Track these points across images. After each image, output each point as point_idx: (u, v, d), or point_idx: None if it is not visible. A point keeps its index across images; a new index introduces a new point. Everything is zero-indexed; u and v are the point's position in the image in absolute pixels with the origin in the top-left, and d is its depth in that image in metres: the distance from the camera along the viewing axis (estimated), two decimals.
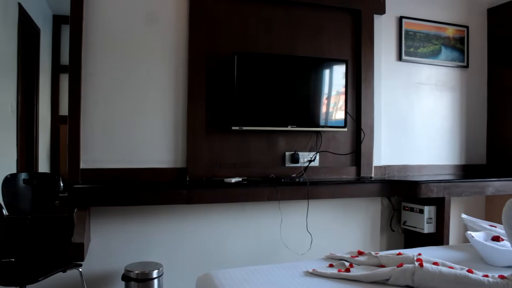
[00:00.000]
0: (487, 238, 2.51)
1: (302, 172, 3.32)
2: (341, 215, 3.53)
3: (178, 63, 3.12)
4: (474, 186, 3.54)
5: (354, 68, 3.58)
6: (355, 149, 3.58)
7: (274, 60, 3.25)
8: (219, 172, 3.18)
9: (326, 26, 3.51)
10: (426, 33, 3.93)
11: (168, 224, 3.09)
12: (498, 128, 4.15)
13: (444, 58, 4.01)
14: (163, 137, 3.10)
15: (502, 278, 1.89)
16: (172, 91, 3.11)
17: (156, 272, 2.75)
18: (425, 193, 3.34)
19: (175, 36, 3.12)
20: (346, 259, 2.35)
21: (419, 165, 3.89)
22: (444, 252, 2.60)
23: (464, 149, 4.13)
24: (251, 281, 2.07)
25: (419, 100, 3.92)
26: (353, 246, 3.47)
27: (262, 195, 3.06)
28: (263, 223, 3.29)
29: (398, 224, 3.77)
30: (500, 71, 4.14)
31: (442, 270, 1.97)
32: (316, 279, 2.10)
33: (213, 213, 3.19)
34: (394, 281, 2.00)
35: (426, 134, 3.94)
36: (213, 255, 3.17)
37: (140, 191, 2.82)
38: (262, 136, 3.31)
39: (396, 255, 2.26)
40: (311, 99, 3.34)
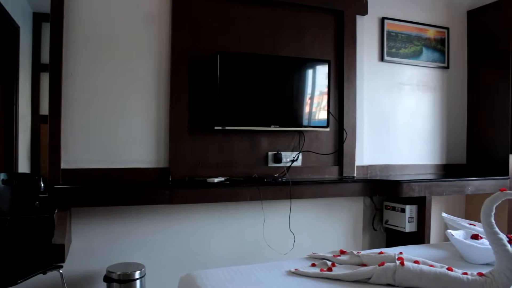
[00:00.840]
0: (467, 236, 2.54)
1: (284, 172, 3.33)
2: (324, 215, 3.55)
3: (160, 63, 3.11)
4: (455, 186, 3.59)
5: (337, 68, 3.60)
6: (337, 149, 3.60)
7: (257, 60, 3.25)
8: (202, 172, 3.16)
9: (309, 26, 3.52)
10: (407, 34, 3.97)
11: (151, 224, 3.06)
12: (477, 129, 4.21)
13: (425, 59, 4.05)
14: (145, 137, 3.07)
15: (480, 276, 1.92)
16: (155, 90, 3.09)
17: (138, 273, 2.73)
18: (407, 193, 3.37)
19: (157, 35, 3.10)
20: (328, 258, 2.36)
21: (401, 165, 3.93)
22: (425, 251, 2.63)
23: (445, 149, 4.19)
24: (234, 281, 2.07)
25: (401, 100, 3.96)
26: (336, 245, 3.49)
27: (245, 195, 3.05)
28: (246, 223, 3.29)
29: (380, 223, 3.80)
30: (479, 72, 4.20)
31: (422, 269, 1.99)
32: (298, 279, 2.11)
33: (196, 213, 3.17)
34: (376, 280, 2.02)
35: (407, 134, 3.98)
36: (196, 255, 3.16)
37: (122, 192, 2.80)
38: (245, 136, 3.31)
39: (378, 254, 2.28)
40: (293, 99, 3.35)
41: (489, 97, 4.09)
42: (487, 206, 1.94)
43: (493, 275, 1.89)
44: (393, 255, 2.21)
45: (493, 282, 1.87)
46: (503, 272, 1.86)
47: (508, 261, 1.85)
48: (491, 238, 1.92)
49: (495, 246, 1.90)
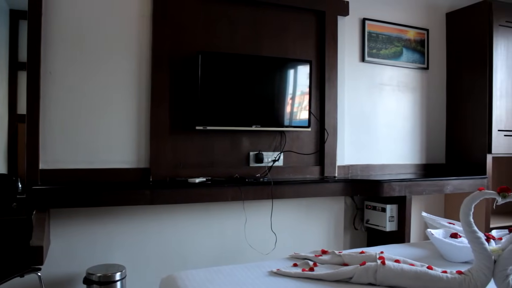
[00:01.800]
0: (446, 235, 2.58)
1: (266, 172, 3.33)
2: (305, 215, 3.56)
3: (141, 62, 3.08)
4: (434, 185, 3.63)
5: (318, 69, 3.61)
6: (318, 149, 3.61)
7: (239, 60, 3.24)
8: (183, 172, 3.14)
9: (290, 26, 3.53)
10: (388, 35, 4.01)
11: (131, 225, 3.03)
12: (456, 129, 4.27)
13: (405, 60, 4.09)
14: (125, 136, 3.04)
15: (459, 274, 1.95)
16: (135, 90, 3.06)
17: (119, 275, 2.70)
18: (387, 192, 3.40)
19: (138, 35, 3.07)
20: (310, 258, 2.37)
21: (382, 165, 3.96)
22: (406, 250, 2.66)
23: (425, 149, 4.23)
24: (215, 281, 2.06)
25: (382, 101, 3.99)
26: (317, 245, 3.50)
27: (226, 195, 3.04)
28: (228, 223, 3.28)
29: (361, 222, 3.82)
30: (458, 73, 4.26)
31: (403, 268, 2.01)
32: (280, 279, 2.11)
33: (177, 214, 3.15)
34: (357, 279, 2.04)
35: (388, 134, 4.02)
36: (177, 256, 3.14)
37: (102, 192, 2.76)
38: (226, 136, 3.30)
39: (359, 254, 2.30)
40: (275, 99, 3.35)
41: (467, 98, 4.15)
42: (466, 205, 1.97)
43: (472, 273, 1.92)
44: (374, 254, 2.23)
45: (472, 280, 1.89)
46: (481, 270, 1.88)
47: (486, 259, 1.88)
48: (470, 237, 1.94)
49: (473, 244, 1.93)
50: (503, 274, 1.85)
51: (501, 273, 1.85)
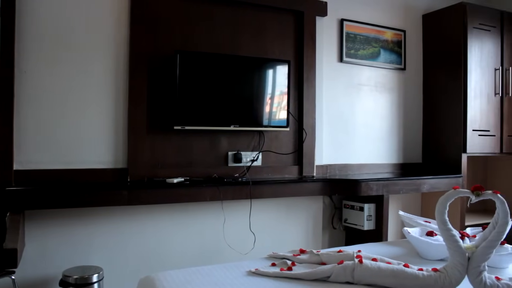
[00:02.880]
0: (422, 233, 2.61)
1: (245, 172, 3.33)
2: (284, 214, 3.56)
3: (118, 61, 3.04)
4: (411, 184, 3.68)
5: (297, 69, 3.63)
6: (297, 149, 3.63)
7: (217, 59, 3.24)
8: (161, 172, 3.12)
9: (269, 26, 3.53)
10: (366, 36, 4.04)
11: (109, 226, 3.00)
12: (432, 128, 4.33)
13: (383, 60, 4.13)
14: (102, 136, 3.01)
15: (435, 271, 1.97)
16: (112, 89, 3.03)
17: (96, 276, 2.66)
18: (365, 191, 3.43)
19: (115, 32, 3.03)
20: (288, 257, 2.38)
21: (359, 164, 3.99)
22: (383, 248, 2.69)
23: (402, 149, 4.29)
24: (193, 282, 2.05)
25: (360, 101, 4.03)
26: (296, 244, 3.50)
27: (204, 195, 3.03)
28: (206, 223, 3.27)
29: (340, 221, 3.85)
30: (434, 74, 4.32)
31: (380, 266, 2.03)
32: (258, 279, 2.11)
33: (155, 214, 3.12)
34: (335, 278, 2.05)
35: (366, 134, 4.06)
36: (155, 257, 3.11)
37: (78, 193, 2.71)
38: (204, 135, 3.28)
39: (337, 253, 2.32)
40: (254, 99, 3.35)
41: (443, 98, 4.21)
42: (441, 204, 1.99)
43: (447, 270, 1.95)
44: (352, 253, 2.25)
45: (447, 277, 1.92)
46: (456, 267, 1.91)
47: (460, 257, 1.91)
48: (445, 235, 1.97)
49: (448, 242, 1.96)
50: (476, 270, 1.88)
51: (474, 269, 1.88)
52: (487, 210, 4.54)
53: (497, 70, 4.15)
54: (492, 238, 1.92)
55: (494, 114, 4.15)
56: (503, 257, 2.29)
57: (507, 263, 2.31)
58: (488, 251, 1.91)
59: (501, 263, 2.29)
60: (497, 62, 4.17)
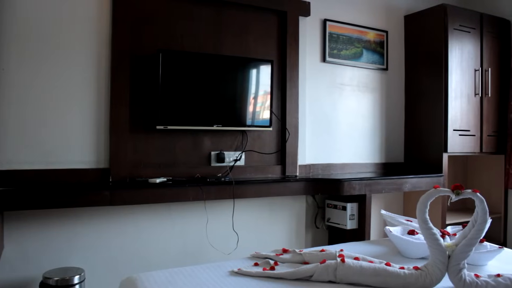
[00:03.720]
0: (404, 232, 2.63)
1: (227, 172, 3.32)
2: (267, 214, 3.57)
3: (100, 60, 3.01)
4: (393, 183, 3.71)
5: (280, 69, 3.63)
6: (280, 148, 3.63)
7: (200, 58, 3.22)
8: (144, 172, 3.10)
9: (252, 26, 3.53)
10: (348, 36, 4.07)
11: (90, 227, 2.96)
12: (414, 128, 4.37)
13: (365, 61, 4.16)
14: (84, 136, 2.97)
15: (416, 269, 2.00)
16: (94, 88, 3.00)
17: (77, 278, 2.63)
18: (348, 191, 3.45)
19: (97, 31, 3.00)
20: (271, 257, 2.38)
21: (342, 164, 4.01)
22: (365, 247, 2.71)
23: (384, 148, 4.32)
24: (176, 283, 2.04)
25: (342, 101, 4.05)
26: (279, 244, 3.51)
27: (187, 195, 3.01)
28: (189, 223, 3.26)
29: (323, 221, 3.86)
30: (415, 74, 4.37)
31: (362, 265, 2.04)
32: (241, 278, 2.11)
33: (137, 215, 3.10)
34: (317, 277, 2.05)
35: (348, 134, 4.08)
36: (138, 258, 3.09)
37: (59, 193, 2.67)
38: (187, 135, 3.27)
39: (319, 252, 2.32)
40: (237, 99, 3.35)
41: (424, 98, 4.26)
42: (422, 202, 2.02)
43: (428, 268, 1.97)
44: (334, 252, 2.26)
45: (428, 275, 1.94)
46: (436, 265, 1.94)
47: (440, 255, 1.93)
48: (426, 233, 2.00)
49: (429, 240, 1.98)
50: (456, 268, 1.91)
51: (454, 267, 1.91)
52: (467, 209, 4.60)
53: (477, 71, 4.21)
54: (471, 236, 1.95)
55: (474, 114, 4.22)
56: (482, 254, 2.32)
57: (486, 261, 2.35)
58: (468, 249, 1.94)
59: (480, 261, 2.32)
60: (476, 63, 4.23)
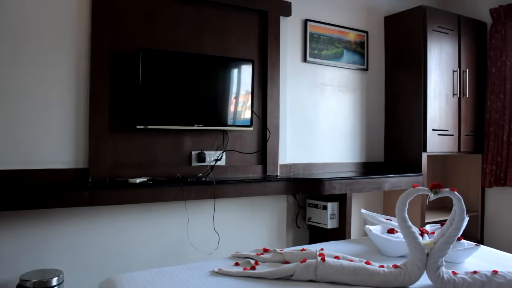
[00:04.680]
0: (383, 231, 2.66)
1: (208, 171, 3.31)
2: (248, 214, 3.56)
3: (79, 58, 2.97)
4: (373, 183, 3.74)
5: (261, 68, 3.63)
6: (261, 148, 3.63)
7: (181, 58, 3.20)
8: (124, 172, 3.07)
9: (234, 25, 3.52)
10: (329, 36, 4.09)
11: (69, 228, 2.92)
12: (394, 128, 4.42)
13: (346, 61, 4.19)
14: (62, 136, 2.93)
15: (395, 267, 2.02)
16: (73, 87, 2.95)
17: (55, 280, 2.59)
18: (328, 190, 3.47)
19: (76, 30, 2.96)
20: (252, 257, 2.38)
21: (323, 163, 4.03)
22: (345, 246, 2.72)
23: (364, 148, 4.35)
24: (156, 283, 2.03)
25: (323, 101, 4.07)
26: (260, 243, 3.51)
27: (168, 195, 3.00)
28: (170, 223, 3.23)
29: (303, 220, 3.88)
30: (395, 74, 4.41)
31: (342, 263, 2.06)
32: (222, 278, 2.10)
33: (117, 215, 3.07)
34: (298, 276, 2.06)
35: (329, 133, 4.10)
36: (118, 259, 3.06)
37: (36, 194, 2.62)
38: (168, 135, 3.25)
39: (300, 251, 2.33)
40: (217, 98, 3.34)
41: (404, 98, 4.30)
42: (401, 201, 2.04)
43: (407, 267, 1.99)
44: (315, 251, 2.27)
45: (407, 273, 1.97)
46: (415, 263, 1.96)
47: (419, 253, 1.96)
48: (405, 232, 2.02)
49: (407, 239, 2.00)
50: (434, 266, 1.93)
51: (432, 265, 1.94)
52: (446, 207, 4.66)
53: (455, 72, 4.28)
54: (449, 234, 1.98)
55: (452, 114, 4.28)
56: (460, 252, 2.36)
57: (463, 258, 2.38)
58: (446, 247, 1.96)
59: (457, 258, 2.36)
60: (455, 64, 4.29)
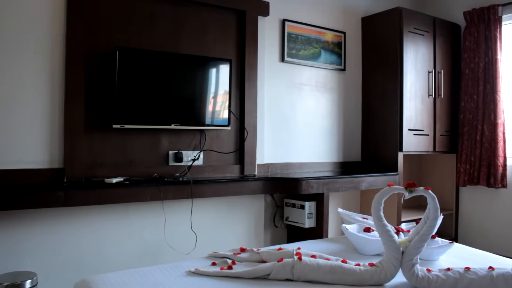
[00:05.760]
0: (360, 229, 2.68)
1: (186, 171, 3.29)
2: (226, 213, 3.55)
3: (54, 56, 2.92)
4: (350, 182, 3.77)
5: (239, 68, 3.63)
6: (238, 148, 3.63)
7: (158, 57, 3.18)
8: (100, 172, 3.03)
9: (211, 25, 3.51)
10: (307, 37, 4.10)
11: (43, 229, 2.86)
12: (370, 128, 4.47)
13: (323, 61, 4.21)
14: (37, 135, 2.88)
15: (371, 266, 2.03)
16: (48, 86, 2.90)
17: (29, 282, 2.53)
18: (306, 190, 3.48)
19: (51, 27, 2.91)
20: (229, 256, 2.37)
21: (300, 163, 4.05)
22: (322, 245, 2.73)
23: (342, 147, 4.39)
24: (131, 284, 2.00)
25: (301, 100, 4.09)
26: (238, 243, 3.51)
27: (145, 195, 2.97)
28: (147, 224, 3.20)
29: (281, 220, 3.89)
30: (372, 75, 4.46)
31: (319, 262, 2.06)
32: (198, 278, 2.09)
33: (93, 216, 3.02)
34: (275, 276, 2.06)
35: (307, 133, 4.12)
36: (94, 260, 3.01)
37: (9, 195, 2.57)
38: (145, 134, 3.22)
39: (277, 250, 2.33)
40: (195, 98, 3.32)
41: (380, 98, 4.35)
42: (377, 200, 2.06)
43: (382, 265, 2.01)
44: (292, 250, 2.27)
45: (382, 271, 1.99)
46: (391, 261, 1.98)
47: (394, 251, 1.98)
48: (380, 230, 2.04)
49: (383, 237, 2.02)
50: (409, 263, 1.96)
51: (407, 263, 1.96)
52: (422, 206, 4.72)
53: (430, 73, 4.35)
54: (423, 232, 2.01)
55: (428, 114, 4.35)
56: (434, 249, 2.39)
57: (437, 255, 2.42)
58: (420, 245, 1.99)
59: (432, 256, 2.39)
60: (430, 65, 4.36)
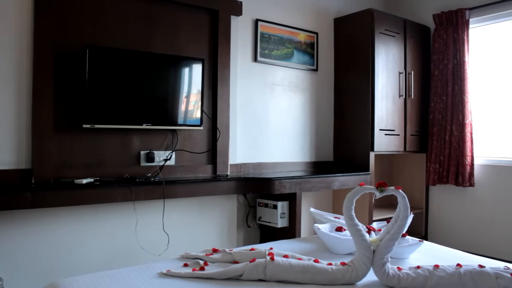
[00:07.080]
0: (332, 229, 2.69)
1: (157, 171, 3.26)
2: (198, 214, 3.53)
3: (21, 53, 2.85)
4: (323, 182, 3.80)
5: (211, 68, 3.61)
6: (211, 148, 3.61)
7: (130, 56, 3.13)
8: (69, 172, 2.97)
9: (184, 24, 3.48)
10: (280, 37, 4.11)
11: (10, 231, 2.78)
12: (342, 128, 4.51)
13: (296, 61, 4.23)
14: (3, 135, 2.80)
15: (343, 265, 2.05)
16: (14, 85, 2.83)
17: None
18: (278, 189, 3.49)
19: (17, 24, 2.83)
20: (201, 257, 2.35)
21: (273, 163, 4.06)
22: (295, 245, 2.74)
23: (314, 147, 4.41)
24: (101, 286, 1.97)
25: (273, 100, 4.09)
26: (211, 244, 3.49)
27: (115, 196, 2.92)
28: (118, 225, 3.15)
29: (254, 220, 3.89)
30: (344, 75, 4.50)
31: (291, 262, 2.07)
32: (170, 280, 2.07)
33: (62, 217, 2.96)
34: (247, 276, 2.05)
35: (279, 133, 4.13)
36: (63, 263, 2.95)
37: None
38: (115, 134, 3.17)
39: (249, 251, 2.32)
40: (167, 97, 3.29)
41: (352, 98, 4.40)
42: (348, 200, 2.08)
43: (354, 264, 2.03)
44: (264, 250, 2.27)
45: (354, 270, 2.00)
46: (362, 260, 2.00)
47: (366, 250, 2.00)
48: (351, 230, 2.05)
49: (354, 236, 2.04)
50: (380, 262, 1.98)
51: (378, 261, 1.98)
52: (393, 205, 4.79)
53: (401, 74, 4.42)
54: (394, 231, 2.03)
55: (399, 114, 4.41)
56: (405, 248, 2.43)
57: (408, 254, 2.45)
58: (391, 244, 2.01)
59: (403, 254, 2.42)
60: (401, 66, 4.43)
